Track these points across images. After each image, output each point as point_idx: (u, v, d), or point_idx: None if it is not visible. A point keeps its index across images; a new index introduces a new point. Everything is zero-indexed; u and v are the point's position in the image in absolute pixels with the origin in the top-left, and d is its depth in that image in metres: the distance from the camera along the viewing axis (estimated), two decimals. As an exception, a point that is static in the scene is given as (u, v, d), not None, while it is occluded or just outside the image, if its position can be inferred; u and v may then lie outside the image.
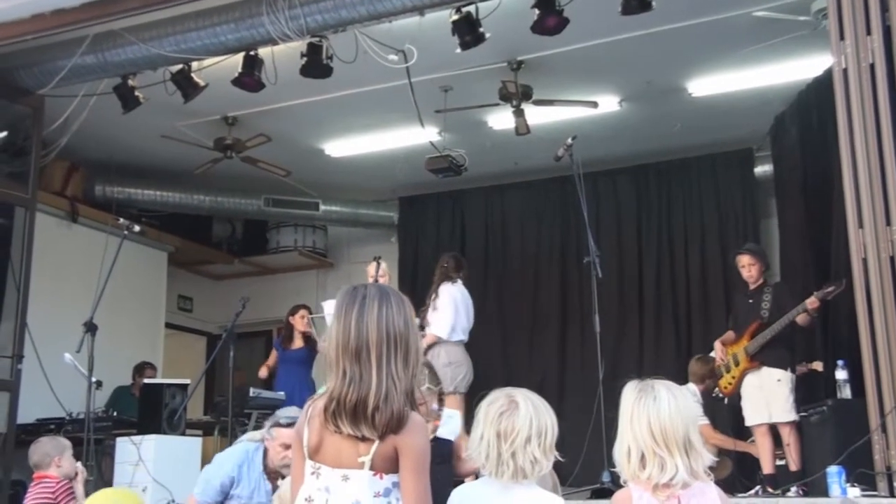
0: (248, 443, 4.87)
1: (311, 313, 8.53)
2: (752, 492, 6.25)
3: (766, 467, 6.55)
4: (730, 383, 6.83)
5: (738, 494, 5.88)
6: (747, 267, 6.80)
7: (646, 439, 2.70)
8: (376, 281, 6.95)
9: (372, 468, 2.35)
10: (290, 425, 4.55)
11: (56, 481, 5.36)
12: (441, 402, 4.21)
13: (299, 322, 8.49)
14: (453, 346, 6.89)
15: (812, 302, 6.25)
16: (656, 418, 2.71)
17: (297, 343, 8.48)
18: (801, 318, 6.35)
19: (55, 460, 5.40)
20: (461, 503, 2.71)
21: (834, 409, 5.62)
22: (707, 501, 2.73)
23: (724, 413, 8.19)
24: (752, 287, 6.79)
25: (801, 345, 7.09)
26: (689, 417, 2.76)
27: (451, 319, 6.91)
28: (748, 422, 6.69)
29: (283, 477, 4.63)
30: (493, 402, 2.75)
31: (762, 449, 6.60)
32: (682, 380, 8.41)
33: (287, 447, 4.52)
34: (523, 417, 2.69)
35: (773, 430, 6.53)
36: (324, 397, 2.43)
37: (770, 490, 6.13)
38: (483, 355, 7.11)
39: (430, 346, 6.82)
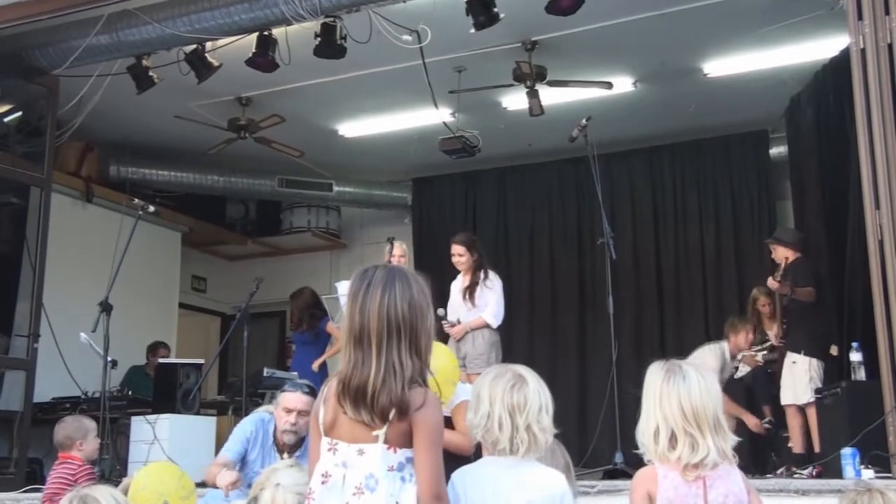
0: (263, 412, 4.88)
1: (314, 296, 8.53)
2: (780, 471, 6.22)
3: (795, 447, 6.57)
4: None
5: (757, 475, 5.88)
6: (772, 253, 6.92)
7: (677, 419, 2.68)
8: (390, 253, 6.95)
9: (386, 442, 2.39)
10: (293, 391, 4.61)
11: (79, 464, 5.41)
12: None
13: None
14: (493, 328, 6.90)
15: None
16: (687, 397, 2.69)
17: (303, 325, 8.55)
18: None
19: (77, 444, 5.45)
20: (465, 485, 2.68)
21: (848, 392, 5.61)
22: (731, 483, 2.73)
23: (738, 391, 8.22)
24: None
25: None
26: (717, 398, 2.75)
27: (503, 309, 6.92)
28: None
29: (290, 453, 4.64)
30: (498, 378, 2.72)
31: (790, 429, 6.66)
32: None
33: (289, 411, 4.55)
34: (533, 389, 2.69)
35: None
36: (338, 377, 2.47)
37: (794, 469, 6.12)
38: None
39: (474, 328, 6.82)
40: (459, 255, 6.97)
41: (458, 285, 6.94)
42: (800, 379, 6.52)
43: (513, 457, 2.66)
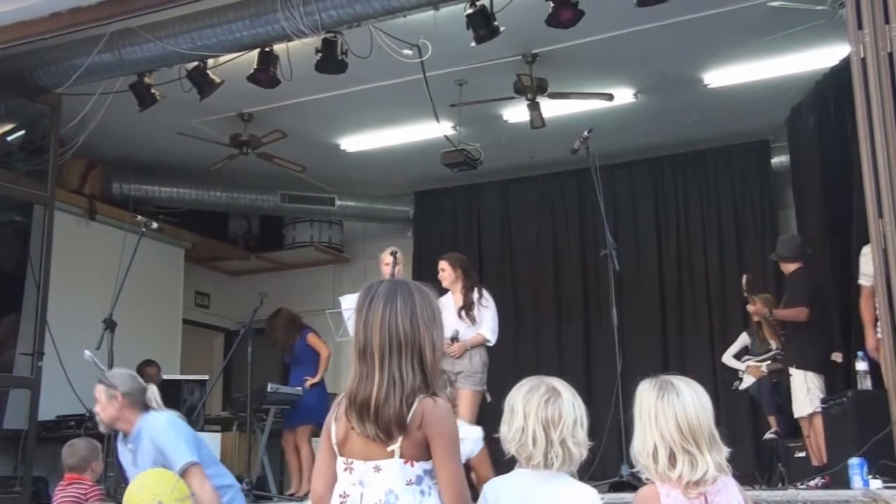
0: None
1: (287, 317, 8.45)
2: (813, 483, 6.16)
3: (813, 459, 6.54)
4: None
5: (763, 486, 5.86)
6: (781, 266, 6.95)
7: (674, 437, 2.63)
8: (393, 266, 6.95)
9: (402, 456, 2.39)
10: (101, 382, 4.63)
11: (89, 484, 5.42)
12: (455, 411, 4.18)
13: None
14: (486, 347, 6.92)
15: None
16: (683, 414, 2.65)
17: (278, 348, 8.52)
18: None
19: (92, 465, 5.47)
20: (496, 496, 2.66)
21: (854, 401, 5.60)
22: (730, 496, 2.69)
23: (743, 402, 8.21)
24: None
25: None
26: (710, 411, 2.71)
27: (497, 326, 6.94)
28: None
29: (126, 437, 4.62)
30: (533, 391, 2.70)
31: (806, 442, 6.65)
32: (705, 370, 8.46)
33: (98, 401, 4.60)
34: (567, 403, 2.66)
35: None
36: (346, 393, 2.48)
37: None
38: (498, 350, 7.10)
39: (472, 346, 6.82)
40: (441, 269, 7.00)
41: (448, 303, 6.91)
42: (797, 392, 6.55)
43: (546, 471, 2.63)
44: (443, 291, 6.91)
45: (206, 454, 4.55)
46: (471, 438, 4.40)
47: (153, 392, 4.69)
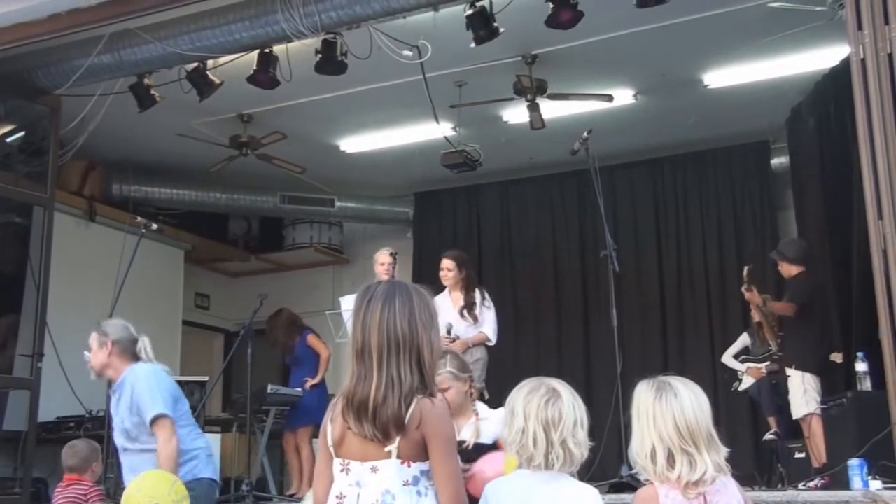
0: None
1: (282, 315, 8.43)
2: (813, 483, 6.17)
3: (813, 460, 6.54)
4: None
5: (763, 487, 5.86)
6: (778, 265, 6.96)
7: (673, 438, 2.63)
8: (393, 266, 6.96)
9: (399, 456, 2.39)
10: (95, 330, 4.68)
11: (89, 485, 5.42)
12: (471, 394, 4.18)
13: None
14: (486, 346, 6.95)
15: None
16: (681, 415, 2.64)
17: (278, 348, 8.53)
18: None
19: (92, 466, 5.47)
20: (497, 497, 2.66)
21: (854, 402, 5.60)
22: (729, 496, 2.70)
23: (743, 403, 8.22)
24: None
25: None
26: (707, 411, 2.71)
27: (497, 327, 6.97)
28: None
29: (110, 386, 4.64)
30: (533, 392, 2.70)
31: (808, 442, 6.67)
32: (705, 371, 8.46)
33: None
34: (567, 404, 2.67)
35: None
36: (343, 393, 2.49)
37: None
38: (498, 350, 7.10)
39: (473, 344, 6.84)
40: (448, 269, 7.02)
41: (445, 303, 6.91)
42: (795, 393, 6.57)
43: (548, 471, 2.64)
44: (441, 290, 6.92)
45: (183, 411, 4.54)
46: (495, 419, 4.39)
47: (144, 343, 4.68)
